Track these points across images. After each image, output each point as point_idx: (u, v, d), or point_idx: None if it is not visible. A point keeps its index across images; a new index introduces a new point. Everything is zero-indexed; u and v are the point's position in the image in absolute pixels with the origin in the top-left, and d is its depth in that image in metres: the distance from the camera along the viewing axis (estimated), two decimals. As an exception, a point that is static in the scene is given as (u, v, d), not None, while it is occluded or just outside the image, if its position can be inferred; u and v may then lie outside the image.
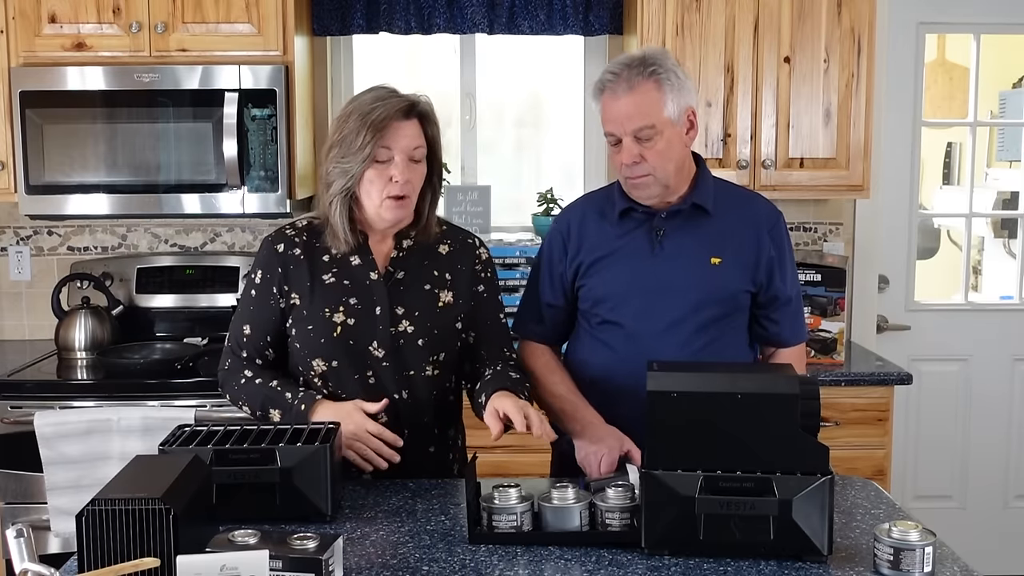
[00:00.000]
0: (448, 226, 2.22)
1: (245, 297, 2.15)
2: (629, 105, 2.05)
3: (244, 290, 2.16)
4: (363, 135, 1.98)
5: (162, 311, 3.58)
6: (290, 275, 2.08)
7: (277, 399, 2.06)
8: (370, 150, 1.98)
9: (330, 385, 2.08)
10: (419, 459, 2.12)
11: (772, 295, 2.18)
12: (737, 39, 3.29)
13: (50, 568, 1.36)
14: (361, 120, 1.99)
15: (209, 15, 3.21)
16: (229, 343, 2.16)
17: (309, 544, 1.49)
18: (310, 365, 2.07)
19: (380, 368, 2.06)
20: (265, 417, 2.07)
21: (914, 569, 1.56)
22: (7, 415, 3.00)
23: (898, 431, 3.56)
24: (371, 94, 2.04)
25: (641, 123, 2.04)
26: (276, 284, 2.09)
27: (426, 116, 2.06)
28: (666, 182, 2.10)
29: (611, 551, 1.69)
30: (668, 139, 2.07)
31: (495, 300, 2.20)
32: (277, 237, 2.12)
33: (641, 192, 2.12)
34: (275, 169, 3.21)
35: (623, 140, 2.06)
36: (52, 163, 3.22)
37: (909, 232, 3.93)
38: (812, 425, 1.68)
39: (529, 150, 4.06)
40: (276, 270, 2.09)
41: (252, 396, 2.10)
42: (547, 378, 2.21)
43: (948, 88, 4.46)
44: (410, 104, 2.03)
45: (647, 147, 2.05)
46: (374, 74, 3.79)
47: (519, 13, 3.59)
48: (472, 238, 2.22)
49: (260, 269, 2.12)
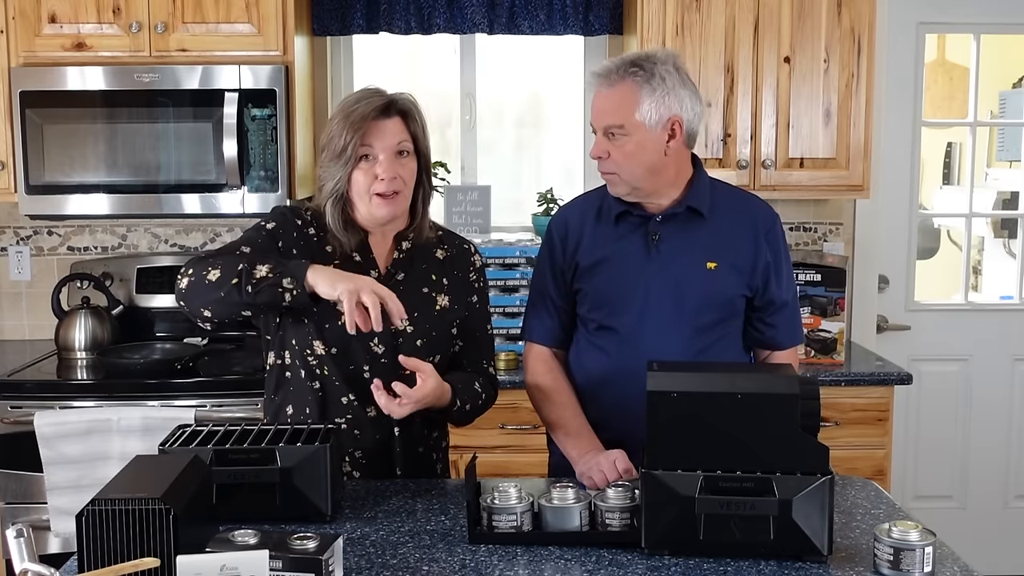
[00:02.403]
0: (444, 231, 2.24)
1: (249, 232, 2.07)
2: (606, 101, 2.07)
3: (248, 230, 2.09)
4: (345, 136, 1.99)
5: (162, 311, 3.57)
6: (299, 246, 2.06)
7: (264, 258, 1.91)
8: (352, 150, 1.99)
9: (325, 372, 2.07)
10: (410, 459, 2.13)
11: (768, 299, 2.17)
12: (737, 39, 3.29)
13: (50, 568, 1.36)
14: (343, 122, 2.00)
15: (209, 15, 3.21)
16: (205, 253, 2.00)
17: (309, 544, 1.49)
18: (310, 344, 2.06)
19: (377, 364, 2.06)
20: (248, 272, 1.87)
21: (914, 569, 1.56)
22: (7, 415, 3.00)
23: (898, 431, 3.56)
24: (355, 95, 2.06)
25: (611, 121, 2.06)
26: (285, 242, 2.05)
27: (407, 113, 2.06)
28: (634, 184, 2.09)
29: (611, 551, 1.69)
30: (639, 142, 2.05)
31: (485, 311, 2.23)
32: (296, 211, 2.12)
33: (610, 188, 2.14)
34: (275, 169, 3.22)
35: (596, 134, 2.10)
36: (52, 163, 3.22)
37: (909, 232, 3.93)
38: (812, 425, 1.68)
39: (529, 150, 4.06)
40: (291, 234, 2.07)
41: (229, 259, 1.92)
42: (550, 394, 2.21)
43: (948, 88, 4.46)
44: (389, 101, 2.04)
45: (615, 145, 2.06)
46: (374, 74, 3.79)
47: (519, 13, 3.59)
48: (468, 244, 2.23)
49: (275, 222, 2.08)
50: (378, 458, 2.10)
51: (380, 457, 2.10)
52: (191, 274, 1.93)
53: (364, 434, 2.08)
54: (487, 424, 2.91)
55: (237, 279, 1.87)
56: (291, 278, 1.85)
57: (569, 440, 2.14)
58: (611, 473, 1.98)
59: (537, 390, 2.23)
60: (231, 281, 1.88)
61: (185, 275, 1.95)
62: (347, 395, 2.07)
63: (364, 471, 2.10)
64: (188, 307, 1.96)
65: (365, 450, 2.09)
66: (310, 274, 1.86)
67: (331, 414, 2.07)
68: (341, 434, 2.04)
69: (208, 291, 1.90)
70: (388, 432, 2.09)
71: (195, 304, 1.94)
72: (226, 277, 1.88)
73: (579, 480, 2.04)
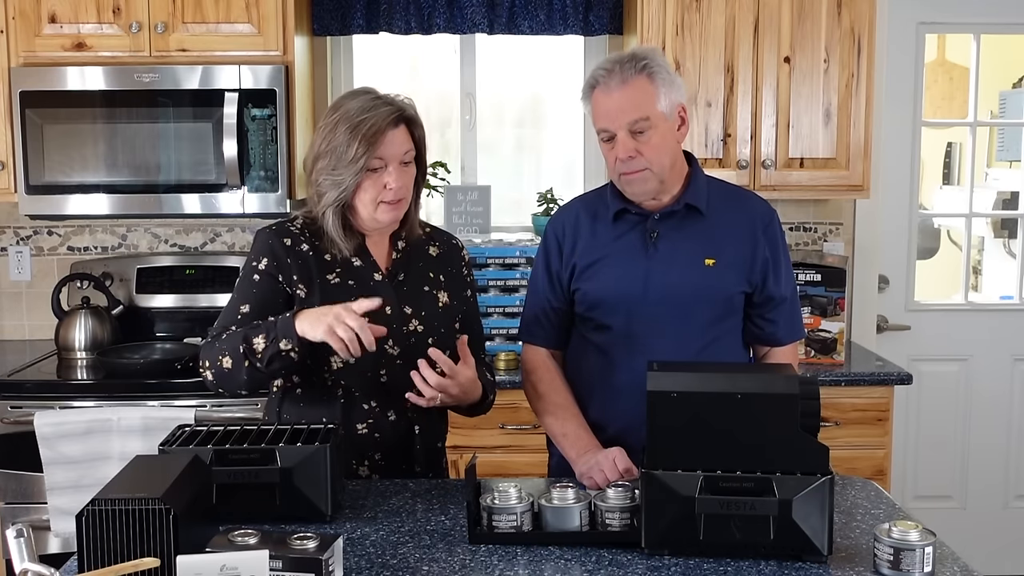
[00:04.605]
0: (431, 227, 2.26)
1: (244, 281, 2.08)
2: (623, 99, 2.04)
3: (242, 276, 2.10)
4: (355, 147, 1.98)
5: (162, 311, 3.58)
6: (297, 268, 2.07)
7: (256, 328, 1.97)
8: (364, 162, 1.99)
9: (343, 382, 2.08)
10: (429, 455, 2.17)
11: (767, 295, 2.17)
12: (737, 39, 3.29)
13: (50, 568, 1.36)
14: (351, 132, 1.98)
15: (209, 15, 3.21)
16: (212, 331, 2.06)
17: (309, 544, 1.49)
18: (327, 361, 2.06)
19: (394, 366, 2.08)
20: (249, 350, 1.94)
21: (914, 569, 1.56)
22: (7, 415, 3.00)
23: (898, 431, 3.56)
24: (356, 102, 2.02)
25: (636, 115, 2.03)
26: (283, 273, 2.06)
27: (412, 120, 2.07)
28: (662, 176, 2.09)
29: (611, 551, 1.69)
30: (662, 133, 2.06)
31: (476, 305, 2.29)
32: (281, 231, 2.10)
33: (637, 188, 2.10)
34: (275, 169, 3.22)
35: (618, 135, 2.05)
36: (52, 163, 3.22)
37: (909, 232, 3.93)
38: (812, 425, 1.68)
39: (529, 150, 4.06)
40: (284, 260, 2.07)
41: (230, 340, 1.98)
42: (548, 395, 2.21)
43: (948, 88, 4.46)
44: (399, 113, 2.03)
45: (642, 141, 2.04)
46: (374, 74, 3.79)
47: (519, 13, 3.59)
48: (455, 239, 2.27)
49: (265, 257, 2.07)
50: (397, 458, 2.12)
51: (399, 457, 2.12)
52: (209, 366, 2.02)
53: (384, 436, 2.10)
54: (487, 424, 2.92)
55: (247, 361, 1.95)
56: (285, 339, 1.92)
57: (568, 441, 2.14)
58: (612, 473, 1.98)
59: (535, 391, 2.23)
60: (244, 364, 1.96)
61: (205, 368, 2.03)
62: (368, 402, 2.09)
63: (383, 472, 2.11)
64: (228, 393, 2.07)
65: (384, 452, 2.11)
66: (298, 326, 1.92)
67: (353, 421, 2.08)
68: (361, 439, 2.08)
69: (232, 379, 2.00)
70: (408, 431, 2.11)
71: (231, 389, 2.04)
72: (237, 362, 1.97)
73: (579, 480, 2.04)
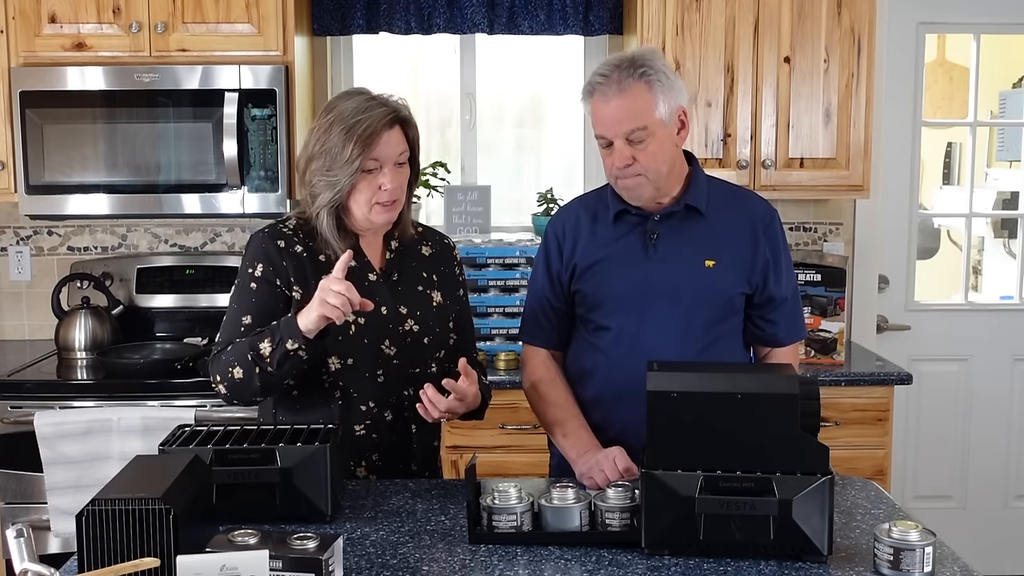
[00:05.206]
0: (422, 226, 2.26)
1: (242, 290, 2.09)
2: (620, 108, 2.02)
3: (239, 285, 2.10)
4: (350, 149, 1.98)
5: (162, 311, 3.58)
6: (293, 270, 2.07)
7: (261, 334, 1.98)
8: (359, 163, 1.99)
9: (341, 383, 2.08)
10: (426, 454, 2.18)
11: (768, 296, 2.16)
12: (737, 39, 3.29)
13: (50, 568, 1.36)
14: (346, 133, 1.98)
15: (209, 15, 3.21)
16: (217, 345, 2.07)
17: (309, 544, 1.49)
18: (324, 363, 2.06)
19: (391, 366, 2.09)
20: (257, 356, 1.95)
21: (914, 569, 1.56)
22: (7, 415, 3.00)
23: (898, 431, 3.56)
24: (351, 103, 2.02)
25: (632, 125, 2.02)
26: (280, 276, 2.07)
27: (407, 121, 2.07)
28: (658, 183, 2.08)
29: (611, 551, 1.69)
30: (660, 140, 2.05)
31: (468, 303, 2.30)
32: (274, 233, 2.11)
33: (633, 194, 2.10)
34: (275, 169, 3.22)
35: (615, 143, 2.04)
36: (52, 163, 3.22)
37: (909, 232, 3.93)
38: (812, 425, 1.68)
39: (529, 150, 4.06)
40: (280, 263, 2.07)
41: (237, 350, 2.00)
42: (548, 395, 2.21)
43: (948, 88, 4.46)
44: (394, 114, 2.03)
45: (639, 149, 2.03)
46: (374, 74, 3.79)
47: (519, 13, 3.59)
48: (446, 238, 2.28)
49: (260, 262, 2.08)
50: (395, 458, 2.13)
51: (396, 457, 2.13)
52: (220, 379, 2.02)
53: (381, 437, 2.10)
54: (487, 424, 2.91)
55: (257, 367, 1.96)
56: (291, 339, 1.93)
57: (567, 441, 2.14)
58: (612, 473, 1.98)
59: (535, 392, 2.23)
60: (255, 371, 1.97)
61: (217, 382, 2.04)
62: (366, 403, 2.09)
63: (380, 472, 2.12)
64: (244, 404, 2.08)
65: (382, 452, 2.11)
66: (300, 323, 1.92)
67: (351, 422, 2.08)
68: (358, 440, 2.08)
69: (245, 388, 2.00)
70: (406, 431, 2.13)
71: (247, 399, 2.06)
72: (248, 371, 1.97)
73: (579, 481, 2.04)
